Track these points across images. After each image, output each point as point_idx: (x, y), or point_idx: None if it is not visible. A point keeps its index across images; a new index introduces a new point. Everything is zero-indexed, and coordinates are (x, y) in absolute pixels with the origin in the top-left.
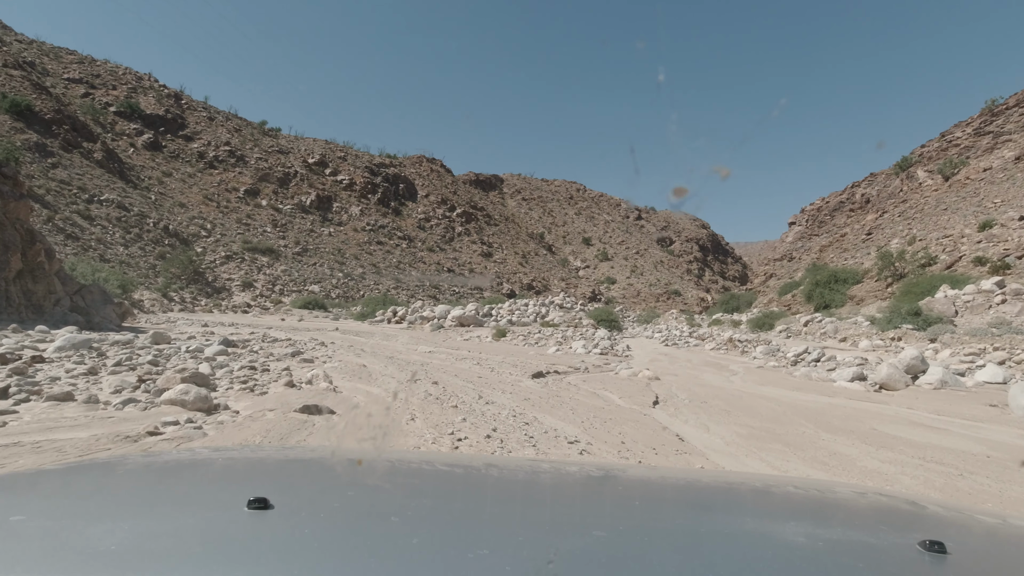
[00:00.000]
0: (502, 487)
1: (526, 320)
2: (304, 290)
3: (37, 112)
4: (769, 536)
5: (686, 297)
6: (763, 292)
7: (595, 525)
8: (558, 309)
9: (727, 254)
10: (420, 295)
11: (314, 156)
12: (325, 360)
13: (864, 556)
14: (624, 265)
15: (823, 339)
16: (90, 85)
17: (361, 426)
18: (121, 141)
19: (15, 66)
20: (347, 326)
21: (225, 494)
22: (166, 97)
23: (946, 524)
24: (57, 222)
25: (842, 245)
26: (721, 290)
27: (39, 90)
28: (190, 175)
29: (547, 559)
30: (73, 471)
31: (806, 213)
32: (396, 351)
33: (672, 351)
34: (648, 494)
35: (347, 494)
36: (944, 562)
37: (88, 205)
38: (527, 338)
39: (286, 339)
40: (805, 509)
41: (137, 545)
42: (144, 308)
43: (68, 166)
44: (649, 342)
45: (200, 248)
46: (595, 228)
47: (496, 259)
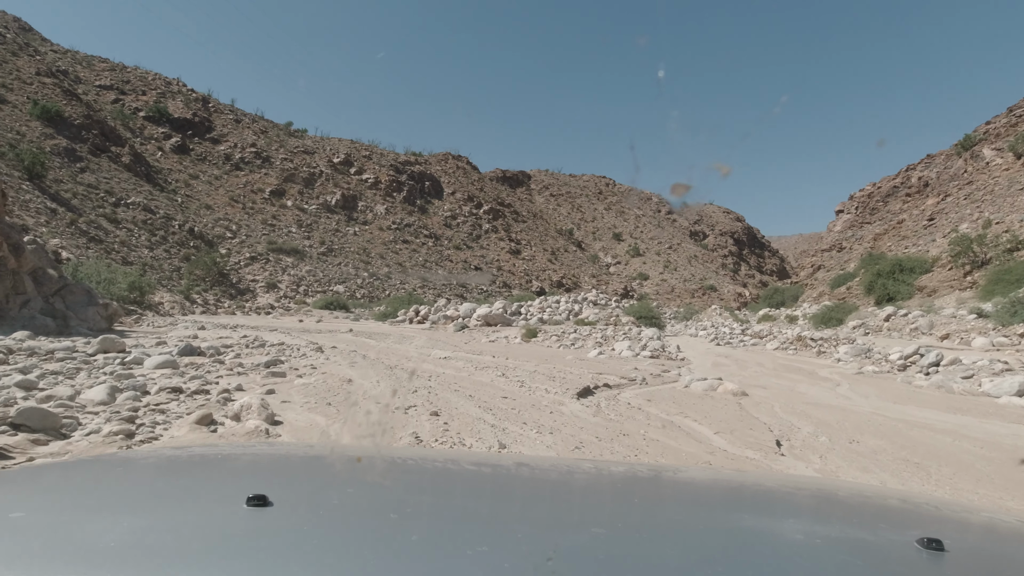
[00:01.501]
0: (501, 484)
1: (558, 318)
2: (329, 290)
3: (67, 118)
4: (767, 533)
5: (722, 292)
6: (811, 285)
7: (594, 522)
8: (592, 306)
9: (764, 247)
10: (447, 293)
11: (339, 155)
12: (304, 372)
13: (862, 553)
14: (656, 260)
15: (914, 336)
16: (120, 91)
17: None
18: (149, 145)
19: (47, 74)
20: (364, 327)
21: (224, 491)
22: (194, 101)
23: (944, 522)
24: (80, 225)
25: (900, 232)
26: (759, 285)
27: (70, 97)
28: (216, 177)
29: (546, 556)
30: (73, 467)
31: (855, 200)
32: (405, 357)
33: (730, 352)
34: (647, 492)
35: (346, 491)
36: (942, 560)
37: (115, 208)
38: (561, 339)
39: (278, 343)
40: (803, 507)
41: (137, 541)
42: (161, 311)
43: (96, 170)
44: (697, 341)
45: (225, 250)
46: (626, 223)
47: (524, 256)
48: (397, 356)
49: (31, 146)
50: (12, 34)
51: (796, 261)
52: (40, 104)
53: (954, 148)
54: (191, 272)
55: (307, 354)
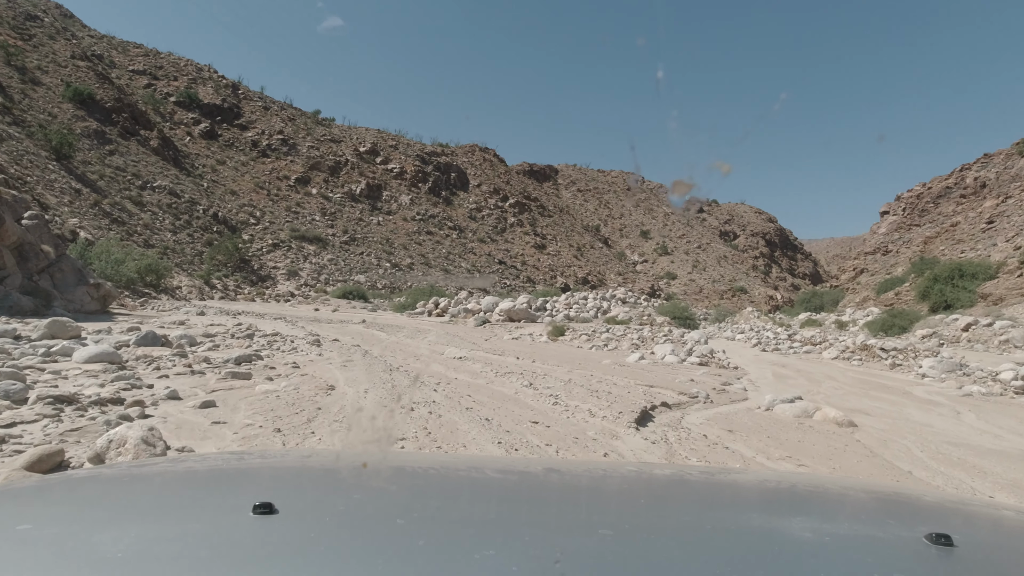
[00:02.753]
0: (508, 488)
1: (586, 316)
2: (350, 280)
3: (98, 101)
4: (775, 532)
5: (752, 294)
6: (853, 289)
7: (601, 524)
8: (621, 304)
9: (796, 250)
10: (469, 286)
11: (365, 145)
12: (278, 374)
13: (871, 550)
14: (685, 260)
15: (1005, 350)
16: (153, 76)
17: None
18: (178, 130)
19: (82, 58)
20: (380, 318)
21: (230, 499)
22: (224, 87)
23: (952, 516)
24: (104, 206)
25: (954, 236)
26: (790, 288)
27: (102, 80)
28: (243, 163)
29: (553, 559)
30: (79, 480)
31: (902, 201)
32: (414, 355)
33: (783, 359)
34: (653, 492)
35: (352, 497)
36: (951, 555)
37: (140, 191)
38: (592, 338)
39: (271, 334)
40: (811, 504)
41: (143, 551)
42: (178, 295)
43: (124, 153)
44: (739, 346)
45: (248, 236)
46: (654, 221)
47: (550, 251)
48: (405, 354)
49: (61, 127)
50: (51, 19)
51: (828, 265)
52: (72, 86)
53: (1015, 147)
54: (212, 257)
55: (298, 348)
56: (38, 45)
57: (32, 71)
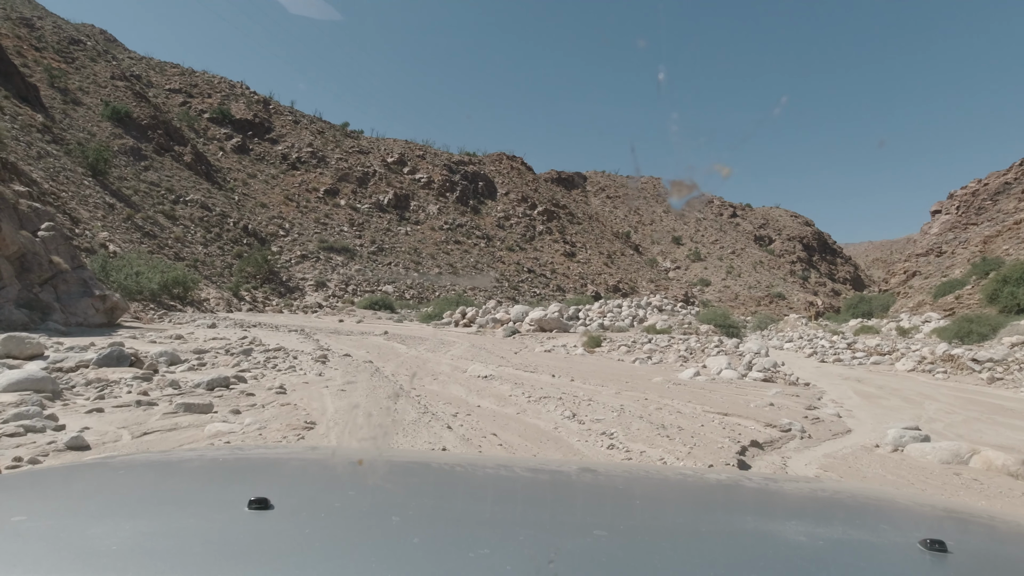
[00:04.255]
0: (503, 487)
1: (622, 324)
2: (378, 290)
3: (135, 119)
4: (770, 535)
5: (791, 300)
6: (905, 294)
7: (596, 524)
8: (657, 312)
9: (835, 254)
10: (498, 295)
11: (393, 155)
12: (251, 404)
13: (865, 555)
14: (719, 266)
15: None
16: (188, 94)
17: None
18: (211, 145)
19: (121, 78)
20: (404, 329)
21: (226, 494)
22: (255, 103)
23: (947, 523)
24: (136, 220)
25: (1018, 234)
26: (830, 294)
27: (140, 99)
28: (273, 176)
29: (548, 559)
30: (74, 471)
31: (956, 199)
32: (432, 374)
33: (850, 372)
34: (649, 493)
35: (348, 494)
36: (945, 561)
37: (173, 205)
38: (632, 349)
39: (274, 348)
40: (806, 508)
41: (138, 545)
42: (205, 307)
43: (159, 169)
44: (792, 356)
45: (277, 248)
46: (685, 227)
47: (580, 259)
48: (422, 372)
49: (98, 145)
50: (93, 42)
51: (868, 269)
52: (111, 105)
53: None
54: (242, 269)
55: (299, 365)
56: (80, 67)
57: (74, 92)
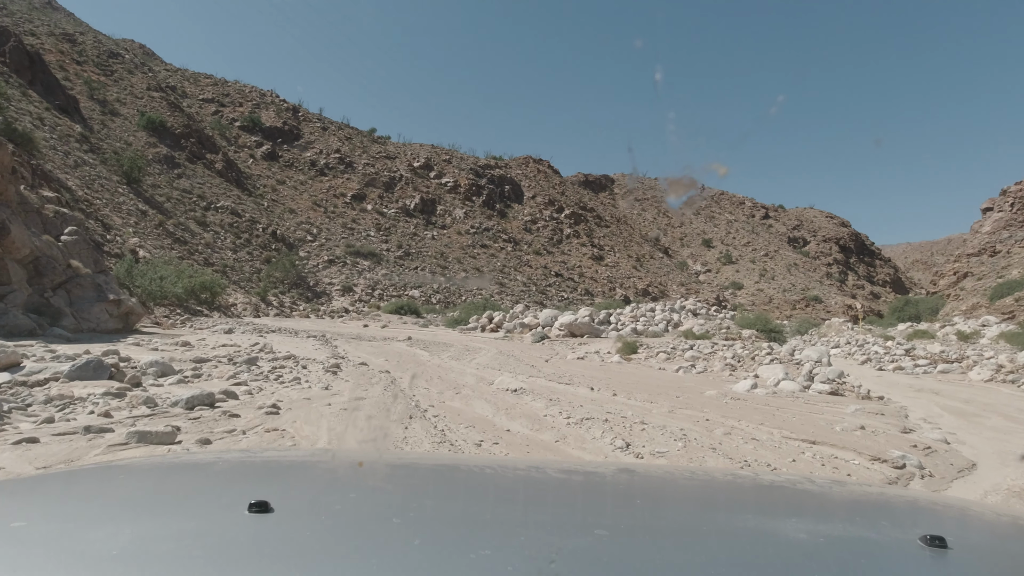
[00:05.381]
0: (504, 488)
1: (656, 329)
2: (404, 295)
3: (169, 128)
4: (771, 533)
5: (828, 304)
6: (957, 296)
7: (597, 524)
8: (692, 316)
9: (874, 256)
10: (526, 299)
11: (419, 160)
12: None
13: (866, 551)
14: (751, 269)
15: None
16: (220, 103)
17: None
18: (242, 153)
19: (157, 89)
20: (429, 335)
21: (226, 497)
22: (285, 111)
23: (947, 519)
24: (168, 227)
25: None
26: (869, 296)
27: (174, 109)
28: (301, 182)
29: (549, 559)
30: (74, 475)
31: (1009, 195)
32: (454, 386)
33: (919, 382)
34: (649, 492)
35: (348, 496)
36: (945, 557)
37: (204, 212)
38: (672, 356)
39: (284, 357)
40: (807, 505)
41: (138, 549)
42: (232, 312)
43: (191, 176)
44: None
45: (304, 253)
46: (716, 229)
47: (608, 263)
48: (444, 383)
49: (133, 153)
50: (131, 55)
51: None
52: (146, 115)
53: None
54: (270, 275)
55: (305, 376)
56: (118, 79)
57: (112, 103)
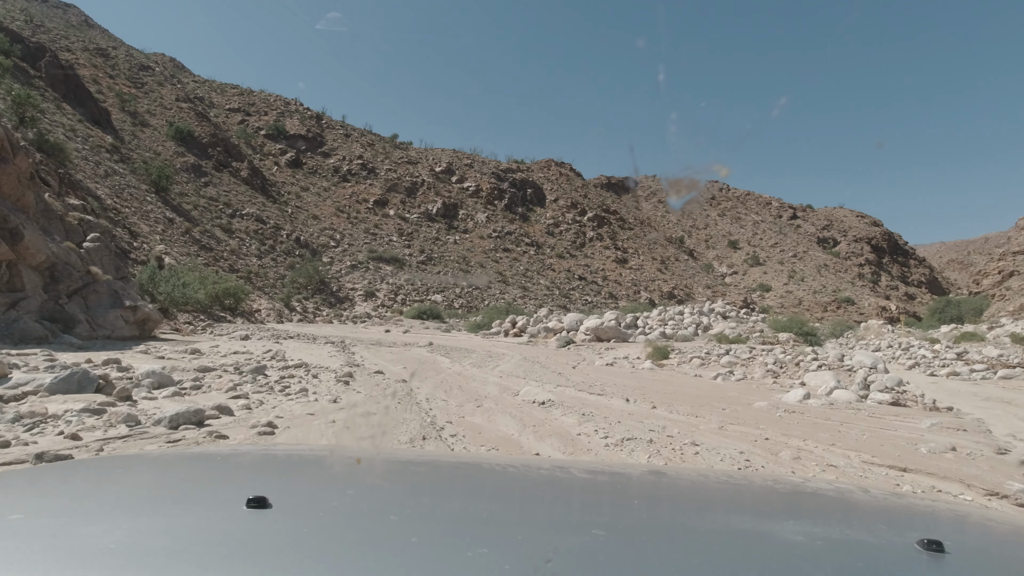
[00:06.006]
0: (501, 486)
1: (685, 333)
2: (427, 300)
3: (197, 137)
4: (768, 535)
5: (861, 305)
6: (1003, 296)
7: (594, 524)
8: (722, 319)
9: (908, 256)
10: (549, 303)
11: (441, 164)
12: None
13: (862, 555)
14: (779, 270)
15: None
16: (246, 113)
17: None
18: (267, 160)
19: (185, 100)
20: (451, 340)
21: (224, 493)
22: (308, 118)
23: (944, 523)
24: (194, 234)
25: None
26: (904, 298)
27: (201, 119)
28: (324, 189)
29: (546, 558)
30: (72, 469)
31: None
32: (476, 396)
33: (981, 389)
34: (646, 493)
35: (346, 493)
36: (942, 561)
37: (230, 219)
38: (707, 361)
39: (295, 364)
40: (804, 508)
41: (135, 543)
42: (256, 318)
43: (217, 184)
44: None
45: (327, 258)
46: (742, 230)
47: (632, 265)
48: (464, 394)
49: (162, 163)
50: (161, 68)
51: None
52: (174, 125)
53: None
54: (293, 280)
55: (312, 388)
56: (148, 91)
57: (142, 115)
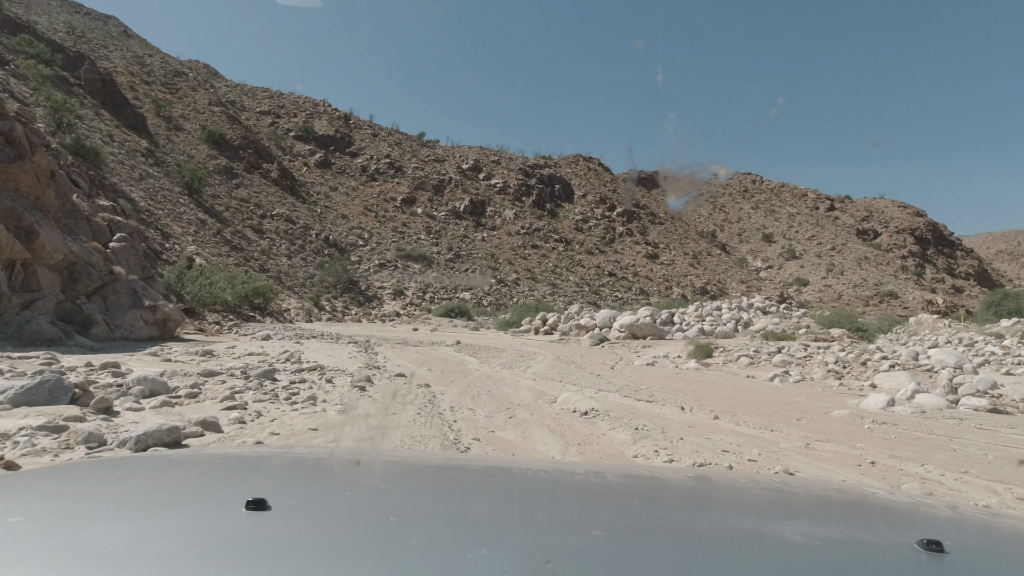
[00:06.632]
0: (501, 487)
1: (725, 329)
2: (455, 297)
3: (228, 140)
4: (767, 535)
5: (905, 299)
6: None
7: (594, 525)
8: (762, 314)
9: (954, 247)
10: (579, 300)
11: (468, 162)
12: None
13: (862, 555)
14: (817, 264)
15: None
16: (276, 115)
17: None
18: (297, 161)
19: (217, 104)
20: (480, 338)
21: (223, 495)
22: (336, 119)
23: (944, 523)
24: (225, 235)
25: None
26: (951, 291)
27: (233, 122)
28: (353, 188)
29: (546, 559)
30: (71, 472)
31: None
32: (508, 404)
33: None
34: (646, 493)
35: (345, 494)
36: (942, 561)
37: (261, 220)
38: (756, 360)
39: (309, 367)
40: (803, 508)
41: (135, 546)
42: (285, 317)
43: (248, 185)
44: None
45: (356, 257)
46: (777, 223)
47: (663, 261)
48: (494, 401)
49: (195, 166)
50: (194, 73)
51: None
52: (207, 129)
53: None
54: (322, 280)
55: (322, 394)
56: (182, 97)
57: (176, 119)
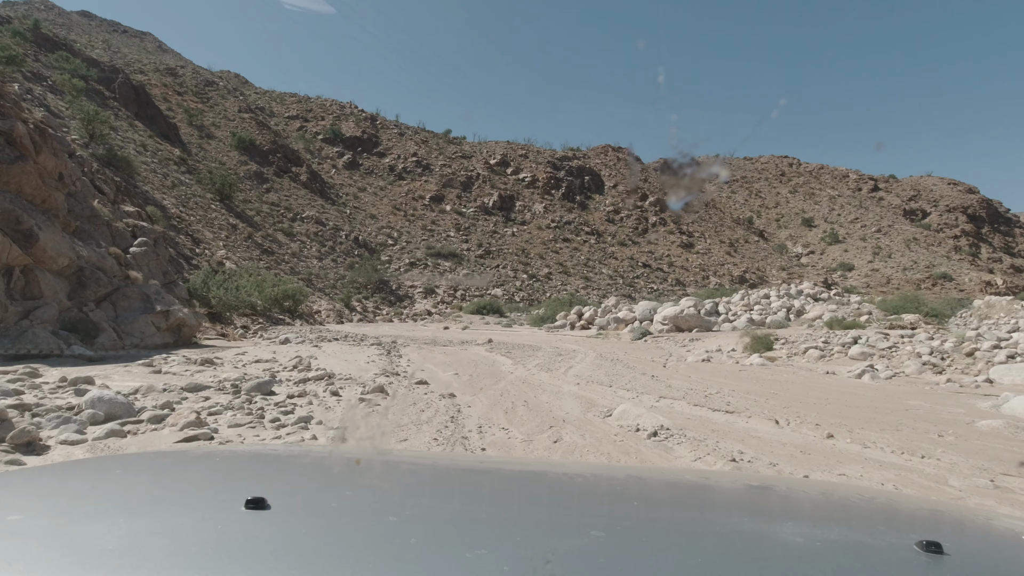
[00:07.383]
0: (500, 487)
1: (776, 319)
2: (486, 294)
3: (258, 146)
4: (767, 536)
5: (960, 281)
6: None
7: (593, 525)
8: (814, 301)
9: (1011, 224)
10: (613, 293)
11: (495, 157)
12: None
13: (861, 556)
14: (862, 247)
15: None
16: (304, 119)
17: None
18: (325, 164)
19: (247, 110)
20: (513, 336)
21: (222, 494)
22: (363, 120)
23: (944, 524)
24: (256, 239)
25: None
26: (1010, 271)
27: (262, 128)
28: (381, 188)
29: (545, 559)
30: (71, 470)
31: None
32: (551, 419)
33: None
34: (645, 494)
35: (345, 494)
36: (941, 562)
37: (291, 223)
38: (827, 353)
39: (317, 377)
40: (803, 509)
41: (134, 544)
42: (316, 319)
43: (278, 189)
44: None
45: (386, 257)
46: (817, 207)
47: (698, 250)
48: (532, 415)
49: (226, 172)
50: (225, 82)
51: None
52: (237, 135)
53: None
54: (353, 280)
55: (319, 411)
56: (213, 105)
57: (208, 127)
